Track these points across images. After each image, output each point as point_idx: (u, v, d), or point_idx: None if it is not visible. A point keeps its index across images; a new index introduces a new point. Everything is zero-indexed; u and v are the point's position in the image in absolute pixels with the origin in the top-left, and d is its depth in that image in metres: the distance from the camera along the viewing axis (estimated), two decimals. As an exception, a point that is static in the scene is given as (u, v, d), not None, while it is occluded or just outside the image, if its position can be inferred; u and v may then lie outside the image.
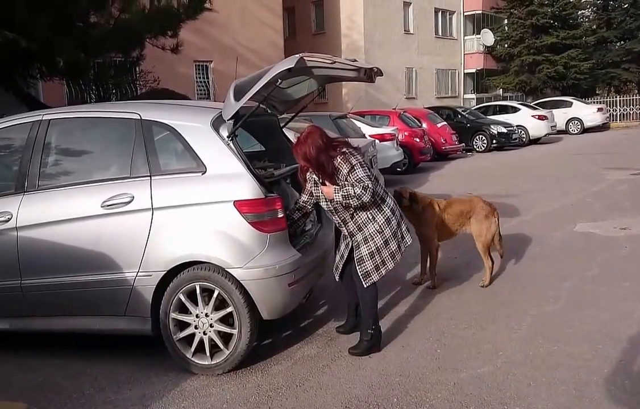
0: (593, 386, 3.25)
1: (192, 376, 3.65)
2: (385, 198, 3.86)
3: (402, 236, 3.88)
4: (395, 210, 3.89)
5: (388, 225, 3.78)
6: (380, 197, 3.78)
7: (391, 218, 3.81)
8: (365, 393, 3.33)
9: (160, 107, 4.12)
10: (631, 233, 6.62)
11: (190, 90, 16.99)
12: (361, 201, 3.60)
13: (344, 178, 3.64)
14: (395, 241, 3.81)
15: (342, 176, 3.65)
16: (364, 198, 3.58)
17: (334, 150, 3.70)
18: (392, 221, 3.81)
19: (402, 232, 3.89)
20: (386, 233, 3.77)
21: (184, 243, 3.60)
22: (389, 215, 3.80)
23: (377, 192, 3.71)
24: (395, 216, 3.85)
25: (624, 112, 27.32)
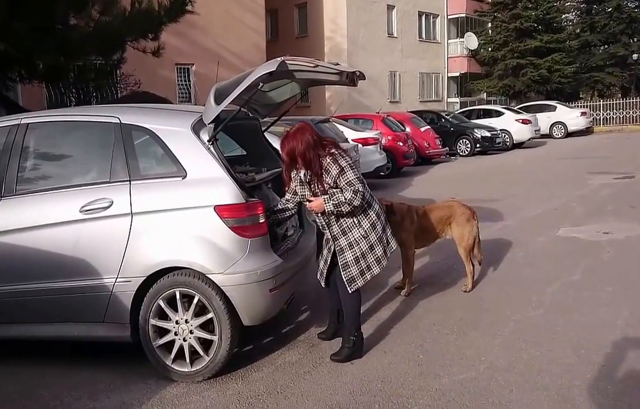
0: (576, 391, 3.25)
1: (172, 383, 3.59)
2: (372, 202, 3.81)
3: (388, 241, 3.85)
4: (380, 214, 3.85)
5: (373, 230, 3.74)
6: (367, 201, 3.72)
7: (377, 223, 3.77)
8: (347, 399, 3.29)
9: (140, 111, 4.06)
10: (614, 238, 6.68)
11: (171, 93, 16.86)
12: (352, 206, 3.54)
13: (333, 180, 3.58)
14: (381, 247, 3.77)
15: (330, 178, 3.59)
16: (355, 203, 3.53)
17: (323, 149, 3.63)
18: (377, 226, 3.77)
19: (388, 237, 3.86)
20: (371, 238, 3.73)
21: (164, 249, 3.54)
22: (375, 219, 3.76)
23: (364, 195, 3.65)
24: (381, 221, 3.82)
25: (607, 116, 27.73)
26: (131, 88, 13.73)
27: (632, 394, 3.19)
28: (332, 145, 3.73)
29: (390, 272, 5.58)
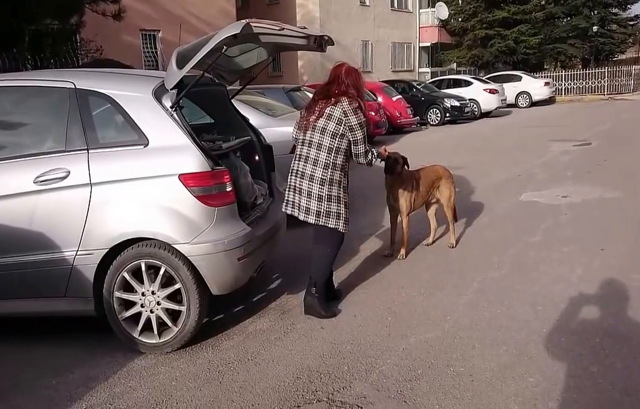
0: (532, 345, 3.39)
1: (140, 356, 3.57)
2: None
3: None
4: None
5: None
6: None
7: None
8: (317, 363, 3.35)
9: (96, 76, 3.93)
10: (571, 201, 6.91)
11: (137, 60, 16.39)
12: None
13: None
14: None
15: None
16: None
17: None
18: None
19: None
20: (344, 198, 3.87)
21: (127, 220, 3.46)
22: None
23: None
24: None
25: (569, 86, 28.32)
26: (92, 55, 13.19)
27: (583, 344, 3.35)
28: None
29: (361, 239, 5.68)
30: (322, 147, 3.76)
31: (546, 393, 2.88)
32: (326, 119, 3.75)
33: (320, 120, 3.77)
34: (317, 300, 3.96)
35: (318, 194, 3.77)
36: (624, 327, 3.54)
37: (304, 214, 3.84)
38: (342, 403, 2.90)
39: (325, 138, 3.75)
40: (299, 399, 2.97)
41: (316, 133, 3.78)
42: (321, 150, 3.76)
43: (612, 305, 3.88)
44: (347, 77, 3.82)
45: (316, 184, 3.77)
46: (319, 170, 3.76)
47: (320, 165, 3.76)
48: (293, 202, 3.91)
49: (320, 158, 3.76)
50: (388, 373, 3.17)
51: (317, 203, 3.78)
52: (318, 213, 3.79)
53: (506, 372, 3.10)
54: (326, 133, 3.75)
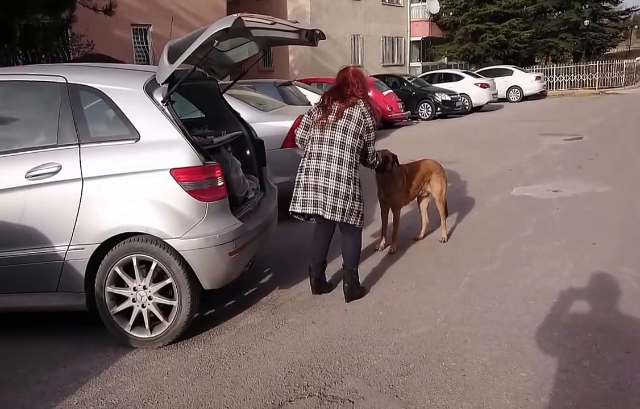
0: (524, 339, 3.41)
1: (131, 350, 3.56)
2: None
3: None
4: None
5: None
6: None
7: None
8: (308, 357, 3.35)
9: (88, 70, 3.89)
10: (562, 196, 6.95)
11: (128, 55, 16.26)
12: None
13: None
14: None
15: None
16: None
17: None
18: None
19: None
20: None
21: (118, 215, 3.44)
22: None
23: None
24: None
25: (560, 80, 28.47)
26: (84, 50, 13.11)
27: (575, 339, 3.37)
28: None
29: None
30: (346, 146, 3.81)
31: (538, 388, 2.90)
32: (347, 119, 3.82)
33: (341, 120, 3.83)
34: (357, 285, 4.16)
35: (345, 193, 3.81)
36: (616, 321, 3.57)
37: (329, 213, 3.84)
38: (334, 398, 2.91)
39: (348, 137, 3.82)
40: (290, 393, 2.98)
41: (338, 132, 3.82)
42: (345, 149, 3.81)
43: (604, 299, 3.92)
44: (355, 79, 3.91)
45: (343, 183, 3.80)
46: (345, 168, 3.80)
47: (345, 164, 3.80)
48: (315, 200, 3.86)
49: (345, 157, 3.80)
50: (380, 368, 3.17)
51: (344, 201, 3.82)
52: (344, 211, 3.84)
53: (498, 366, 3.12)
54: (348, 133, 3.82)
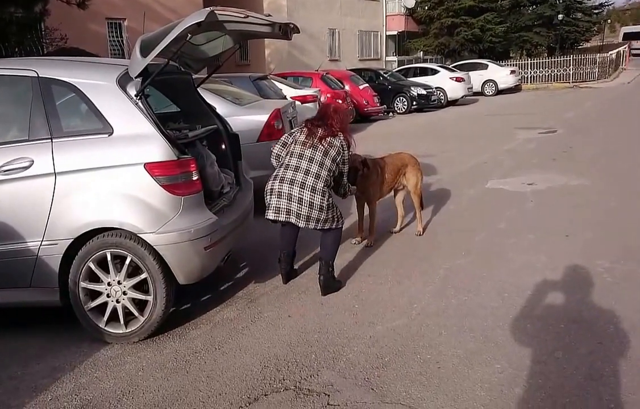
0: (499, 331, 3.47)
1: (106, 346, 3.52)
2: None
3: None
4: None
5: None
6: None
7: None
8: (284, 351, 3.35)
9: (60, 64, 3.82)
10: (537, 188, 7.08)
11: (103, 49, 15.95)
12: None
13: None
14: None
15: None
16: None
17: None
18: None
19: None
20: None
21: (92, 209, 3.40)
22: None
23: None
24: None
25: (535, 74, 28.87)
26: (57, 44, 12.83)
27: (548, 330, 3.44)
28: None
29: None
30: (324, 166, 4.03)
31: (512, 379, 2.95)
32: (328, 145, 4.09)
33: (324, 143, 4.09)
34: (332, 278, 4.21)
35: (320, 205, 3.97)
36: (588, 313, 3.65)
37: (304, 222, 4.00)
38: (310, 391, 2.92)
39: (327, 159, 4.06)
40: (266, 387, 2.98)
41: (319, 153, 4.05)
42: (323, 168, 4.02)
43: (577, 291, 4.00)
44: (335, 114, 4.19)
45: (318, 195, 3.96)
46: (321, 184, 3.99)
47: (322, 179, 4.00)
48: (288, 209, 3.98)
49: (322, 174, 4.01)
50: (355, 361, 3.19)
51: (318, 212, 3.98)
52: (318, 221, 4.02)
53: (473, 358, 3.17)
54: (328, 156, 4.07)
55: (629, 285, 4.04)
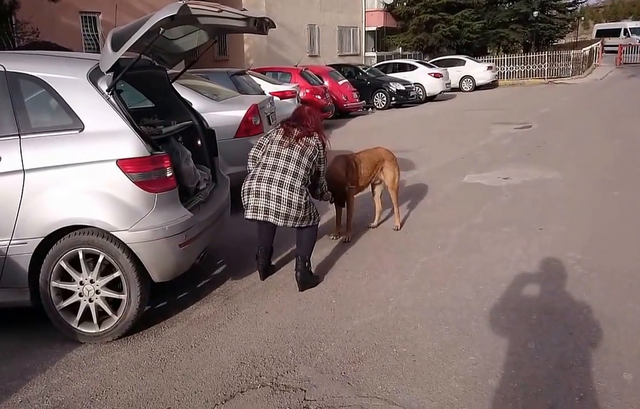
0: (473, 323, 3.51)
1: (79, 346, 3.46)
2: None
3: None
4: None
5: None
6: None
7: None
8: (261, 348, 3.34)
9: (28, 58, 3.73)
10: (512, 183, 7.18)
11: (77, 44, 15.66)
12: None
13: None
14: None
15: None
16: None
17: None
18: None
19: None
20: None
21: (62, 207, 3.33)
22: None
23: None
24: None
25: (511, 70, 29.21)
26: (29, 38, 12.57)
27: (521, 322, 3.50)
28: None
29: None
30: (302, 164, 4.03)
31: (486, 370, 2.99)
32: (304, 144, 4.10)
33: (300, 142, 4.09)
34: (309, 273, 4.21)
35: (298, 203, 3.96)
36: (560, 304, 3.72)
37: (282, 221, 3.98)
38: (286, 387, 2.91)
39: (304, 158, 4.06)
40: (242, 384, 2.97)
41: (296, 151, 4.05)
42: (300, 167, 4.02)
43: (549, 282, 4.07)
44: (310, 116, 4.25)
45: (296, 193, 3.95)
46: (299, 182, 3.98)
47: (299, 178, 3.99)
48: (266, 208, 3.95)
49: (300, 172, 4.01)
50: (332, 356, 3.20)
51: (296, 210, 3.97)
52: (296, 219, 4.00)
53: (448, 351, 3.20)
54: (305, 154, 4.07)
55: (598, 275, 4.12)
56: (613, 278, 4.07)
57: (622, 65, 32.45)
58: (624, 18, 62.95)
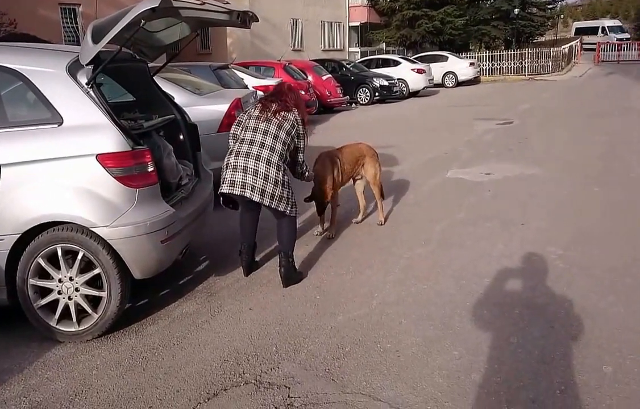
0: (457, 318, 3.52)
1: (58, 345, 3.40)
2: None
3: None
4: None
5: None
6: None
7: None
8: (245, 344, 3.31)
9: (4, 50, 3.63)
10: (494, 178, 7.24)
11: (56, 36, 15.37)
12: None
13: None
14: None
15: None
16: None
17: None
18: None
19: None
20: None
21: (41, 203, 3.25)
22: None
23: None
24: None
25: (492, 66, 29.46)
26: (6, 29, 12.29)
27: (504, 316, 3.52)
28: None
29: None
30: (279, 139, 3.96)
31: (469, 365, 3.00)
32: (282, 119, 4.03)
33: (277, 116, 4.03)
34: (293, 269, 4.18)
35: (275, 178, 3.88)
36: (541, 298, 3.75)
37: (258, 195, 3.86)
38: (270, 384, 2.89)
39: (282, 133, 3.99)
40: (226, 382, 2.93)
41: (273, 126, 3.98)
42: (277, 141, 3.95)
43: (531, 277, 4.10)
44: (290, 92, 4.19)
45: (273, 168, 3.88)
46: (276, 156, 3.91)
47: (277, 153, 3.93)
48: (243, 182, 3.86)
49: (277, 147, 3.94)
50: (316, 352, 3.18)
51: (273, 186, 3.88)
52: (273, 196, 3.89)
53: (432, 346, 3.21)
54: (282, 129, 4.00)
55: (579, 270, 4.17)
56: (594, 273, 4.13)
57: (600, 62, 32.96)
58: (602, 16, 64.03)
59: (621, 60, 33.05)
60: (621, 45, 35.32)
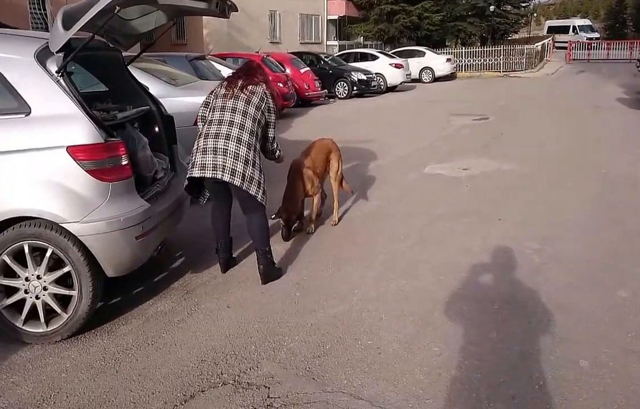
0: (437, 314, 3.50)
1: (24, 347, 3.25)
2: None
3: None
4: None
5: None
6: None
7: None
8: (223, 344, 3.23)
9: (-34, 36, 3.45)
10: (471, 173, 7.27)
11: (23, 22, 14.86)
12: None
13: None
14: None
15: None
16: None
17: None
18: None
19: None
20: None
21: (6, 197, 3.09)
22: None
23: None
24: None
25: (468, 62, 29.74)
26: (-32, 15, 11.83)
27: (483, 312, 3.52)
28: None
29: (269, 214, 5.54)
30: (248, 115, 3.83)
31: (449, 361, 2.98)
32: (250, 93, 3.89)
33: (245, 91, 3.89)
34: (272, 265, 4.10)
35: (245, 157, 3.75)
36: (520, 293, 3.76)
37: (229, 175, 3.71)
38: (249, 385, 2.82)
39: (251, 108, 3.85)
40: (203, 383, 2.85)
41: (241, 102, 3.85)
42: (247, 117, 3.82)
43: (509, 272, 4.11)
44: (258, 68, 4.08)
45: (244, 147, 3.76)
46: (246, 134, 3.79)
47: (247, 130, 3.80)
48: (214, 164, 3.71)
49: (247, 125, 3.81)
50: (296, 350, 3.12)
51: (244, 165, 3.74)
52: (244, 177, 3.74)
53: (412, 343, 3.18)
54: (251, 104, 3.86)
55: (555, 265, 4.21)
56: (570, 267, 4.16)
57: (571, 61, 33.58)
58: (573, 16, 65.29)
59: (591, 59, 33.72)
60: (591, 44, 36.05)
